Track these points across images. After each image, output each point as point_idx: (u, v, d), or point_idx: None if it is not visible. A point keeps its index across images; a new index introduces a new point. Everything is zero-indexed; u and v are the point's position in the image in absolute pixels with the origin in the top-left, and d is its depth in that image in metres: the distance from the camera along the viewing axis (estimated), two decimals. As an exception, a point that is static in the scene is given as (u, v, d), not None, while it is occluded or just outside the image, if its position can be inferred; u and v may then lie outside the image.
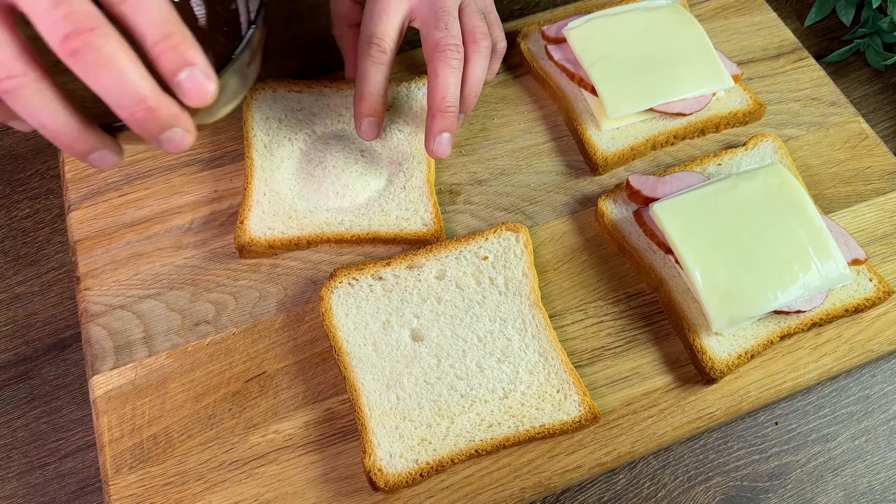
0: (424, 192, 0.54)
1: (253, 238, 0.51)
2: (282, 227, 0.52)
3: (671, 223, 0.49)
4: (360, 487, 0.45)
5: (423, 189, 0.54)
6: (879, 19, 0.65)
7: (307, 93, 0.58)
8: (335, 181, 0.53)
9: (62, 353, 0.53)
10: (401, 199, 0.54)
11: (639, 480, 0.48)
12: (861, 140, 0.58)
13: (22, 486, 0.49)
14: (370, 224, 0.53)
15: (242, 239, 0.51)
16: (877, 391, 0.50)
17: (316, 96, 0.58)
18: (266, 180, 0.54)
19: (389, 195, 0.54)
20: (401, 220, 0.53)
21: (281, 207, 0.53)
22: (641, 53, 0.56)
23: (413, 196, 0.54)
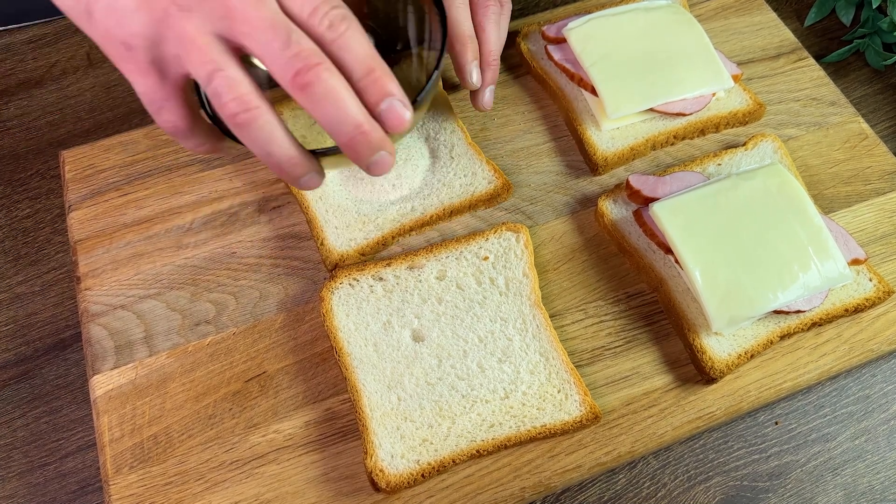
0: (472, 153, 0.55)
1: (342, 253, 0.52)
2: (361, 234, 0.52)
3: (671, 223, 0.49)
4: (360, 487, 0.45)
5: (469, 152, 0.56)
6: (879, 19, 0.65)
7: None
8: (386, 175, 0.54)
9: (63, 353, 0.53)
10: (456, 168, 0.55)
11: (639, 480, 0.48)
12: (861, 140, 0.58)
13: (22, 486, 0.49)
14: (440, 200, 0.54)
15: (333, 258, 0.51)
16: (877, 391, 0.50)
17: None
18: (321, 198, 0.54)
19: (443, 168, 0.55)
20: (465, 186, 0.54)
21: (349, 218, 0.53)
22: (641, 53, 0.56)
23: (465, 161, 0.55)
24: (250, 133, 0.35)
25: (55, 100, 0.64)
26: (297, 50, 0.34)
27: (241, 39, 0.34)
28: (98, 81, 0.65)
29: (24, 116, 0.63)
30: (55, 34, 0.68)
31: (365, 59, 0.35)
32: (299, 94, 0.34)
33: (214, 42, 0.34)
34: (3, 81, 0.65)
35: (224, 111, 0.35)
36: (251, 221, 0.54)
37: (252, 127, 0.35)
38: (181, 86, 0.37)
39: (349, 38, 0.35)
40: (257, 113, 0.35)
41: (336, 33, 0.35)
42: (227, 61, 0.35)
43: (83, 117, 0.63)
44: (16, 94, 0.65)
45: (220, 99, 0.34)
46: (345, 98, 0.35)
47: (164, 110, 0.37)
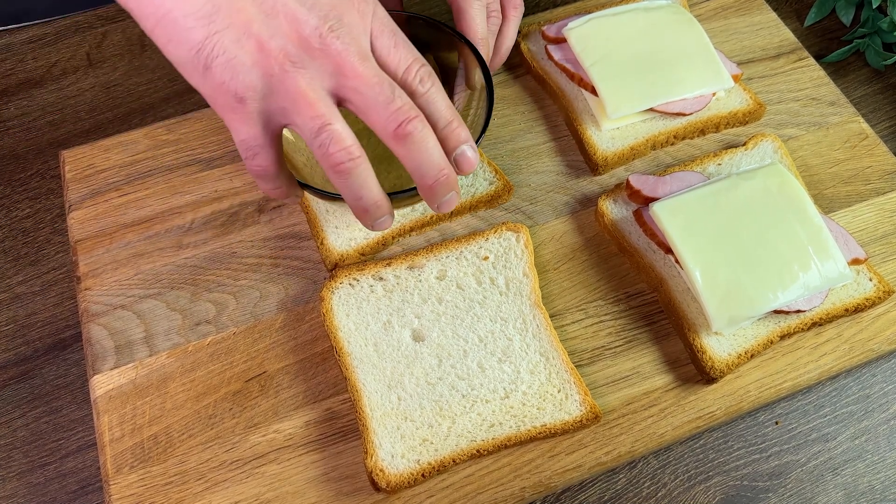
0: None
1: (342, 253, 0.52)
2: (361, 234, 0.52)
3: (671, 223, 0.49)
4: (360, 487, 0.45)
5: None
6: (879, 19, 0.65)
7: None
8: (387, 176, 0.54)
9: (63, 353, 0.53)
10: None
11: (639, 480, 0.48)
12: (861, 140, 0.58)
13: (22, 486, 0.49)
14: None
15: (333, 257, 0.51)
16: (877, 391, 0.50)
17: None
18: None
19: None
20: (466, 187, 0.54)
21: (350, 217, 0.53)
22: (641, 53, 0.56)
23: None
24: (349, 179, 0.39)
25: (55, 100, 0.64)
26: (399, 104, 0.38)
27: (347, 94, 0.38)
28: (98, 81, 0.65)
29: (24, 116, 0.64)
30: (55, 34, 0.68)
31: (446, 111, 0.41)
32: (397, 143, 0.39)
33: (324, 97, 0.38)
34: (3, 81, 0.65)
35: (329, 161, 0.38)
36: (251, 221, 0.54)
37: (352, 174, 0.39)
38: (277, 134, 0.40)
39: (434, 92, 0.41)
40: (359, 161, 0.39)
41: (425, 88, 0.40)
42: (334, 115, 0.38)
43: (83, 117, 0.63)
44: (16, 94, 0.65)
45: (327, 149, 0.38)
46: (434, 146, 0.40)
47: (259, 156, 0.40)
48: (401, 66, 0.40)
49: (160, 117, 0.63)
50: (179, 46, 0.38)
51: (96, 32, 0.68)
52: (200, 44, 0.37)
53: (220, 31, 0.37)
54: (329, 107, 0.38)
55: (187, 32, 0.37)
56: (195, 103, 0.64)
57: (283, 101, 0.38)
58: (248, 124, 0.39)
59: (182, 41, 0.37)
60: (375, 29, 0.40)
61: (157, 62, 0.66)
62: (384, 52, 0.40)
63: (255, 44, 0.37)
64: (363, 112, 0.39)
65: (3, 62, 0.66)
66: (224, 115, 0.39)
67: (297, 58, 0.37)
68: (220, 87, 0.38)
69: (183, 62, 0.38)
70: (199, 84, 0.39)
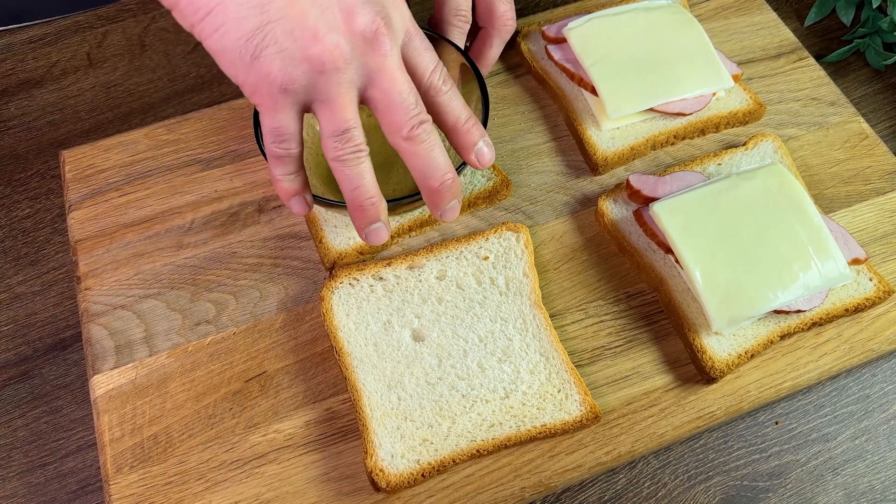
0: None
1: (340, 251, 0.52)
2: None
3: (671, 223, 0.49)
4: (360, 487, 0.45)
5: None
6: (879, 19, 0.65)
7: None
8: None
9: (63, 353, 0.53)
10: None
11: (639, 480, 0.48)
12: (861, 140, 0.58)
13: (22, 486, 0.49)
14: None
15: (331, 256, 0.51)
16: (877, 391, 0.50)
17: None
18: None
19: None
20: (464, 184, 0.54)
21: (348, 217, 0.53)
22: (641, 53, 0.56)
23: None
24: (351, 168, 0.41)
25: (55, 100, 0.64)
26: (418, 111, 0.41)
27: (375, 94, 0.40)
28: (98, 81, 0.65)
29: (24, 116, 0.64)
30: (55, 34, 0.68)
31: (465, 110, 0.44)
32: (408, 143, 0.41)
33: (354, 99, 0.40)
34: (3, 81, 0.65)
35: (337, 152, 0.41)
36: (251, 221, 0.54)
37: (354, 163, 0.41)
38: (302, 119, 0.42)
39: (455, 93, 0.44)
40: (364, 156, 0.41)
41: (446, 88, 0.43)
42: (358, 119, 0.41)
43: (83, 117, 0.63)
44: (16, 94, 0.65)
45: (342, 145, 0.40)
46: (441, 151, 0.42)
47: (287, 141, 0.41)
48: (428, 67, 0.42)
49: (160, 117, 0.63)
50: (227, 35, 0.38)
51: (96, 32, 0.68)
52: (252, 33, 0.38)
53: (274, 22, 0.37)
54: (355, 111, 0.40)
55: (239, 21, 0.38)
56: (195, 103, 0.64)
57: (320, 97, 0.40)
58: (284, 113, 0.40)
59: (232, 30, 0.38)
60: (411, 29, 0.42)
61: (157, 62, 0.66)
62: (415, 54, 0.42)
63: (310, 36, 0.38)
64: (383, 112, 0.41)
65: (3, 62, 0.66)
66: (262, 104, 0.40)
67: (349, 56, 0.39)
68: (266, 77, 0.38)
69: (229, 50, 0.38)
70: (240, 73, 0.39)
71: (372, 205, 0.42)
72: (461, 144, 0.45)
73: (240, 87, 0.41)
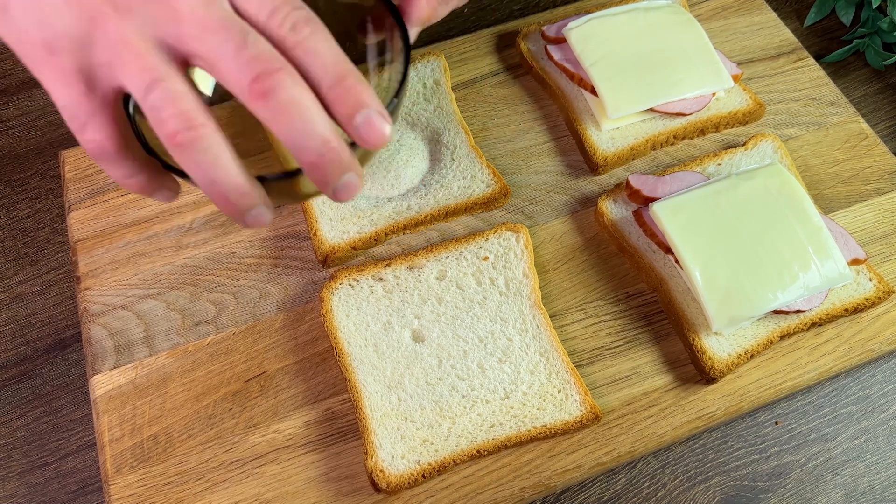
0: (473, 156, 0.56)
1: (333, 245, 0.52)
2: (355, 228, 0.52)
3: (671, 223, 0.49)
4: (360, 487, 0.45)
5: (471, 154, 0.56)
6: (879, 19, 0.65)
7: None
8: (385, 174, 0.54)
9: (63, 353, 0.53)
10: (455, 170, 0.55)
11: (638, 480, 0.48)
12: (861, 140, 0.58)
13: (22, 486, 0.49)
14: (437, 201, 0.54)
15: (324, 248, 0.51)
16: (876, 391, 0.50)
17: None
18: None
19: (443, 169, 0.55)
20: (463, 188, 0.54)
21: (345, 211, 0.53)
22: (641, 53, 0.56)
23: (465, 164, 0.55)
24: (193, 155, 0.30)
25: (55, 100, 0.64)
26: (254, 52, 0.29)
27: (187, 44, 0.30)
28: (98, 81, 0.65)
29: (24, 116, 0.63)
30: (55, 34, 0.68)
31: (335, 65, 0.30)
32: (257, 104, 0.29)
33: (155, 49, 0.30)
34: (3, 81, 0.65)
35: (163, 129, 0.30)
36: (251, 221, 0.54)
37: (195, 148, 0.30)
38: (111, 100, 0.31)
39: (316, 41, 0.30)
40: (203, 132, 0.30)
41: (300, 36, 0.30)
42: (169, 71, 0.30)
43: (83, 117, 0.63)
44: (16, 93, 0.65)
45: (160, 114, 0.29)
46: (311, 108, 0.30)
47: (89, 127, 0.31)
48: (263, 7, 0.30)
49: (160, 117, 0.63)
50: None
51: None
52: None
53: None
54: (163, 62, 0.30)
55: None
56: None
57: (108, 54, 0.30)
58: (65, 84, 0.31)
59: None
60: None
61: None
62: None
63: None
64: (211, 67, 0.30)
65: (3, 62, 0.66)
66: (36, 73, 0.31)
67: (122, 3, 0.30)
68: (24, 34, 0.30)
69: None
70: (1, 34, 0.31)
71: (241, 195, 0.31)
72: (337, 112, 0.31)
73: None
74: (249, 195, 0.31)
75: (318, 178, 0.31)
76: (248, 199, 0.32)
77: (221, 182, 0.31)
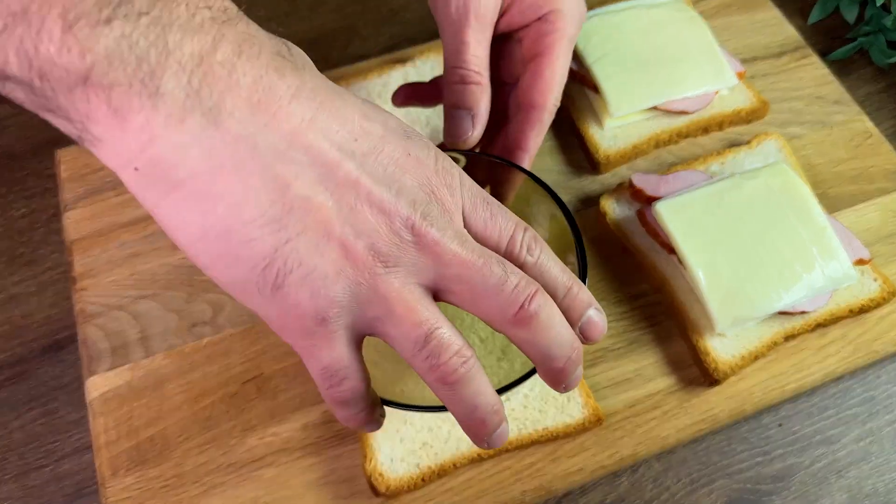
0: None
1: None
2: None
3: (674, 222, 0.49)
4: (359, 490, 0.44)
5: None
6: (883, 17, 0.64)
7: None
8: None
9: (58, 354, 0.53)
10: None
11: (641, 483, 0.47)
12: (865, 139, 0.58)
13: (18, 489, 0.48)
14: None
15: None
16: (881, 392, 0.50)
17: None
18: None
19: None
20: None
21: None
22: (644, 51, 0.56)
23: None
24: (464, 389, 0.31)
25: (51, 98, 0.64)
26: (515, 282, 0.31)
27: (449, 285, 0.31)
28: (94, 79, 0.65)
29: (19, 115, 0.63)
30: (51, 31, 0.67)
31: (563, 277, 0.34)
32: (520, 329, 0.32)
33: (422, 296, 0.31)
34: (-2, 79, 0.65)
35: (439, 372, 0.31)
36: (249, 221, 0.54)
37: (466, 382, 0.31)
38: (360, 345, 0.32)
39: (546, 258, 0.33)
40: (472, 363, 0.31)
41: (535, 257, 0.33)
42: (438, 316, 0.31)
43: (79, 115, 0.63)
44: (11, 92, 0.64)
45: (437, 361, 0.31)
46: (562, 322, 0.32)
47: (348, 379, 0.32)
48: (503, 237, 0.33)
49: (157, 116, 0.62)
50: (235, 265, 0.29)
51: (93, 30, 0.67)
52: (268, 258, 0.28)
53: (294, 239, 0.28)
54: (430, 308, 0.31)
55: (248, 246, 0.28)
56: (192, 101, 0.63)
57: (376, 311, 0.30)
58: (331, 347, 0.31)
59: (240, 258, 0.28)
60: (467, 203, 0.33)
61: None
62: (481, 227, 0.33)
63: (339, 248, 0.29)
64: (471, 302, 0.32)
65: (-1, 60, 0.66)
66: (297, 342, 0.31)
67: (389, 256, 0.30)
68: (295, 308, 0.29)
69: (239, 282, 0.29)
70: (261, 306, 0.30)
71: (495, 413, 0.32)
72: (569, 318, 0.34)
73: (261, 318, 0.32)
74: (500, 411, 0.33)
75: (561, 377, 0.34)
76: (499, 415, 0.33)
77: (482, 407, 0.32)
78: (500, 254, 0.33)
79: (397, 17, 0.68)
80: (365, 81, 0.59)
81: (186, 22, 0.26)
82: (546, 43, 0.44)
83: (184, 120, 0.26)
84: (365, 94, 0.58)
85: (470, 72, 0.43)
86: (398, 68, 0.60)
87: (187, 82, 0.26)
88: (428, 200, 0.31)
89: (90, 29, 0.25)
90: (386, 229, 0.30)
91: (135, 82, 0.26)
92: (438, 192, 0.31)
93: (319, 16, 0.67)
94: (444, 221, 0.31)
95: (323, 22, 0.67)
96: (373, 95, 0.58)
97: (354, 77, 0.59)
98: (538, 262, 0.33)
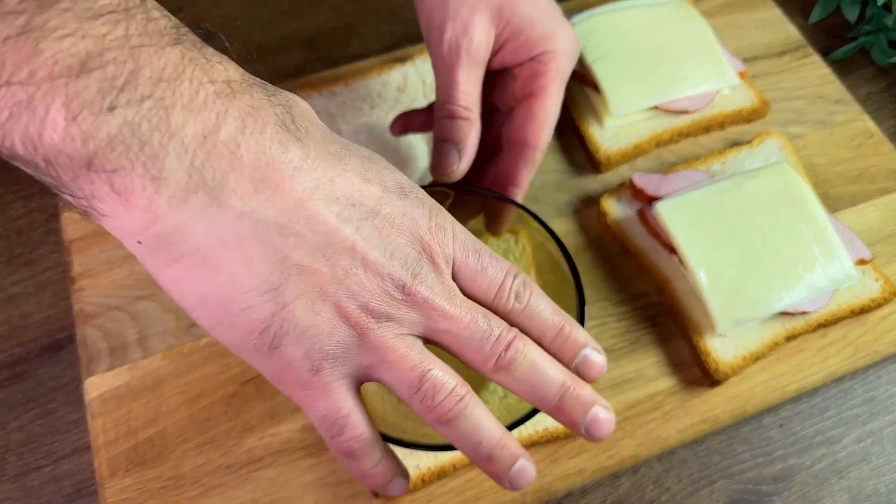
0: None
1: None
2: None
3: (675, 222, 0.48)
4: (358, 491, 0.44)
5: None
6: (885, 16, 0.64)
7: (316, 96, 0.57)
8: None
9: (57, 355, 0.52)
10: None
11: (642, 484, 0.47)
12: (867, 138, 0.57)
13: (17, 489, 0.48)
14: None
15: None
16: (882, 393, 0.50)
17: (327, 97, 0.57)
18: None
19: None
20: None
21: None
22: (645, 50, 0.56)
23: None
24: (461, 424, 0.32)
25: (49, 97, 0.63)
26: (497, 334, 0.33)
27: (439, 337, 0.33)
28: (93, 78, 0.64)
29: (17, 114, 0.63)
30: (50, 30, 0.67)
31: (553, 319, 0.34)
32: (500, 374, 0.33)
33: (413, 343, 0.32)
34: (-4, 78, 0.64)
35: (435, 413, 0.32)
36: (248, 221, 0.54)
37: (463, 418, 0.32)
38: (359, 391, 0.33)
39: (535, 302, 0.34)
40: (468, 400, 0.32)
41: (523, 303, 0.34)
42: (430, 358, 0.32)
43: (78, 115, 0.63)
44: (10, 91, 0.64)
45: (432, 401, 0.32)
46: (543, 362, 0.33)
47: (349, 427, 0.32)
48: (492, 288, 0.34)
49: (156, 115, 0.62)
50: (235, 329, 0.30)
51: (91, 28, 0.67)
52: (266, 323, 0.30)
53: (290, 304, 0.30)
54: (422, 352, 0.32)
55: (248, 313, 0.29)
56: (191, 100, 0.63)
57: (370, 360, 0.32)
58: (327, 396, 0.31)
59: (239, 324, 0.30)
60: (458, 256, 0.33)
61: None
62: (469, 279, 0.34)
63: (333, 307, 0.30)
64: (458, 351, 0.33)
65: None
66: (294, 393, 0.32)
67: (381, 314, 0.31)
68: (290, 365, 0.31)
69: (238, 344, 0.31)
70: (259, 363, 0.32)
71: (503, 448, 0.33)
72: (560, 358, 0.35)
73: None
74: (510, 446, 0.33)
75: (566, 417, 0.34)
76: (508, 449, 0.33)
77: (486, 442, 0.32)
78: (490, 302, 0.34)
79: (397, 16, 0.67)
80: (364, 80, 0.59)
81: (189, 101, 0.27)
82: (539, 84, 0.45)
83: (186, 200, 0.27)
84: (364, 92, 0.58)
85: (459, 107, 0.44)
86: (398, 67, 0.59)
87: (190, 163, 0.27)
88: (419, 259, 0.32)
89: (93, 118, 0.26)
90: (378, 290, 0.31)
91: (137, 165, 0.26)
92: (429, 250, 0.32)
93: (319, 14, 0.67)
94: (433, 279, 0.32)
95: (322, 20, 0.66)
96: (372, 94, 0.58)
97: (354, 76, 0.59)
98: (527, 307, 0.34)
